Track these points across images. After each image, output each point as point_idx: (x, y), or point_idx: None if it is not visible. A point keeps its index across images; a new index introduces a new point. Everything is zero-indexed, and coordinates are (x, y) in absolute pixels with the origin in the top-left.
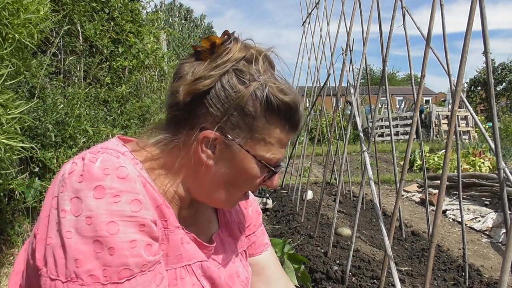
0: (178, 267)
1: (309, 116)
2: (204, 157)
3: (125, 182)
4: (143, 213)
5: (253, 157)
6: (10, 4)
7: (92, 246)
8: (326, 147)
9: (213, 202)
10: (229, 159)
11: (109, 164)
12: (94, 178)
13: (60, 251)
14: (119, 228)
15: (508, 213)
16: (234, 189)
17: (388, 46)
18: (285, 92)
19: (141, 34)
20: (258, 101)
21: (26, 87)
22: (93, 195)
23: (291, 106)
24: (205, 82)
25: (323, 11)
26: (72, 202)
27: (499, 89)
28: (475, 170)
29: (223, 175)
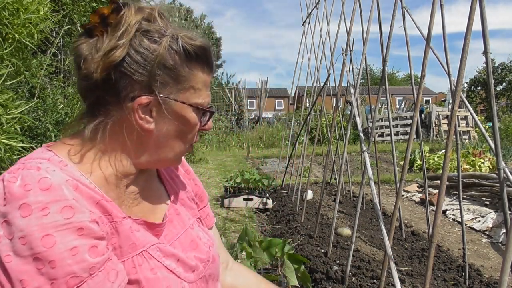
0: (134, 255)
1: (309, 116)
2: (144, 124)
3: (50, 192)
4: (78, 217)
5: (189, 106)
6: (10, 4)
7: (33, 264)
8: (326, 147)
9: (161, 163)
10: (167, 116)
11: (29, 179)
12: (17, 198)
13: (3, 277)
14: (56, 239)
15: (508, 213)
16: (178, 143)
17: (388, 46)
18: (194, 38)
19: None
20: (176, 53)
21: (26, 87)
22: (20, 214)
23: (205, 48)
24: (117, 53)
25: (323, 11)
26: (3, 226)
27: (499, 89)
28: (475, 170)
29: (166, 134)
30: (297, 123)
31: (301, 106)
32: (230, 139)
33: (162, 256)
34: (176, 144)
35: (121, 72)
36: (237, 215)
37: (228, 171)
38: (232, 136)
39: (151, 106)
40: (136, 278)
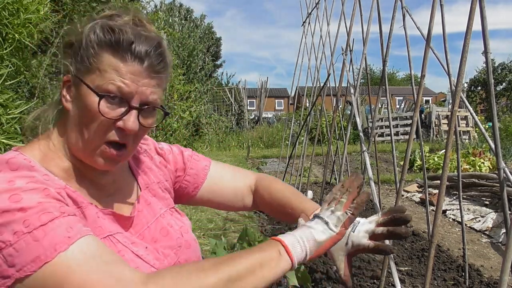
0: (101, 238)
1: (309, 116)
2: (64, 102)
3: (18, 171)
4: (45, 185)
5: (88, 88)
6: (10, 4)
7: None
8: (326, 147)
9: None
10: (78, 96)
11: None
12: None
13: None
14: (22, 197)
15: (508, 213)
16: (88, 131)
17: (388, 46)
18: (115, 27)
19: None
20: (88, 36)
21: (26, 87)
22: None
23: (117, 32)
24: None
25: (323, 11)
26: None
27: (499, 89)
28: (475, 170)
29: (77, 117)
30: (297, 123)
31: (301, 106)
32: (230, 139)
33: (129, 243)
34: (86, 133)
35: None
36: (237, 215)
37: None
38: (232, 136)
39: (71, 86)
40: None
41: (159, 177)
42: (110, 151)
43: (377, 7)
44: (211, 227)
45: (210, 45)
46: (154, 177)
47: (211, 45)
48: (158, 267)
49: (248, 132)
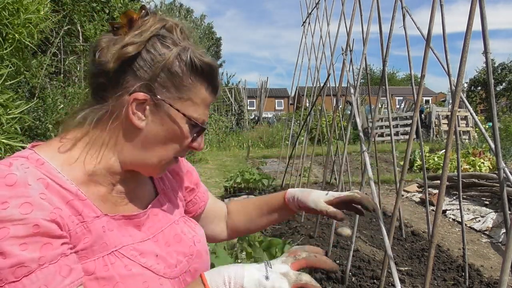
0: (105, 254)
1: (309, 116)
2: (135, 119)
3: (13, 188)
4: (36, 214)
5: (183, 116)
6: (10, 4)
7: None
8: (326, 147)
9: (145, 168)
10: (160, 119)
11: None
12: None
13: None
14: (9, 231)
15: (508, 213)
16: (164, 150)
17: (388, 46)
18: (204, 55)
19: None
20: (183, 62)
21: (26, 87)
22: None
23: (212, 67)
24: (131, 48)
25: (323, 11)
26: None
27: (499, 89)
28: (475, 170)
29: (154, 137)
30: (297, 123)
31: (301, 106)
32: (230, 139)
33: (137, 255)
34: (161, 151)
35: (129, 67)
36: None
37: (228, 171)
38: (232, 136)
39: (146, 105)
40: (108, 275)
41: (174, 185)
42: (173, 163)
43: (377, 7)
44: None
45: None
46: (170, 184)
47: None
48: (168, 276)
49: (248, 132)
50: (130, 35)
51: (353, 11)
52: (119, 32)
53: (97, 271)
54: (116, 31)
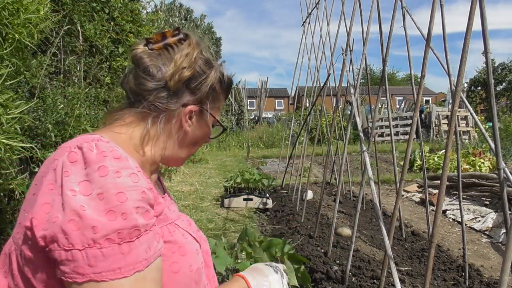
0: (167, 224)
1: (309, 116)
2: (187, 126)
3: (120, 161)
4: (142, 183)
5: (214, 120)
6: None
7: (106, 216)
8: (326, 147)
9: (175, 161)
10: (201, 125)
11: (104, 148)
12: (96, 161)
13: (71, 225)
14: (127, 196)
15: (508, 213)
16: (195, 148)
17: (388, 46)
18: (225, 70)
19: (141, 34)
20: (220, 81)
21: (26, 87)
22: (98, 174)
23: (231, 82)
24: (187, 73)
25: (323, 11)
26: (81, 185)
27: (499, 89)
28: (475, 170)
29: (193, 138)
30: (297, 123)
31: (301, 106)
32: (230, 139)
33: (187, 226)
34: (193, 148)
35: (185, 85)
36: (237, 215)
37: (228, 171)
38: (232, 136)
39: (195, 114)
40: (173, 239)
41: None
42: None
43: (377, 7)
44: (211, 227)
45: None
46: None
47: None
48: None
49: (248, 132)
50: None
51: (353, 11)
52: (154, 47)
53: (165, 236)
54: (149, 45)
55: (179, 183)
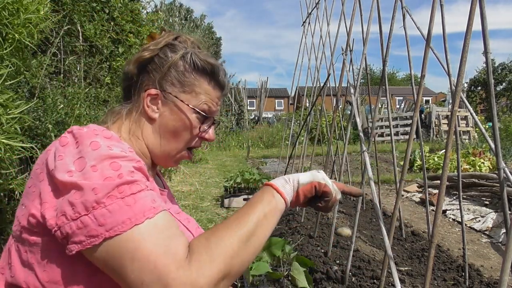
0: None
1: (309, 116)
2: (150, 111)
3: (111, 140)
4: (134, 155)
5: (189, 108)
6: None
7: (104, 181)
8: (326, 147)
9: (164, 158)
10: (169, 111)
11: (95, 128)
12: (87, 137)
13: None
14: (121, 164)
15: (508, 213)
16: (175, 140)
17: (388, 46)
18: (208, 57)
19: (141, 34)
20: (186, 62)
21: (26, 87)
22: (91, 149)
23: (213, 65)
24: (146, 53)
25: (323, 11)
26: (76, 163)
27: (499, 89)
28: (475, 170)
29: (165, 126)
30: (297, 123)
31: (301, 106)
32: (230, 139)
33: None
34: (172, 140)
35: (144, 69)
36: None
37: (228, 171)
38: (232, 136)
39: (158, 99)
40: None
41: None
42: (188, 155)
43: (377, 7)
44: (211, 227)
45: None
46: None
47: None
48: None
49: (248, 132)
50: (146, 46)
51: (353, 11)
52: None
53: None
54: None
55: (179, 183)
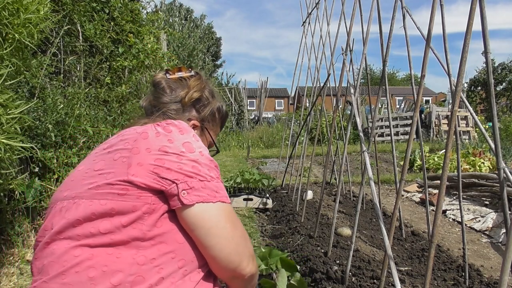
0: None
1: (309, 116)
2: None
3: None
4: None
5: (210, 138)
6: (10, 4)
7: (210, 163)
8: (326, 147)
9: None
10: (200, 135)
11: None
12: (189, 130)
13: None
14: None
15: (508, 213)
16: None
17: (388, 46)
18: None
19: (141, 34)
20: (219, 110)
21: (26, 87)
22: (194, 139)
23: (227, 117)
24: (196, 94)
25: (323, 11)
26: (185, 146)
27: (499, 89)
28: (475, 170)
29: None
30: (297, 123)
31: (301, 106)
32: (230, 139)
33: None
34: None
35: (193, 104)
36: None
37: (228, 171)
38: (232, 136)
39: (198, 128)
40: None
41: None
42: None
43: (377, 7)
44: None
45: (210, 45)
46: None
47: (211, 45)
48: None
49: (248, 132)
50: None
51: (353, 11)
52: (171, 77)
53: None
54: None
55: None
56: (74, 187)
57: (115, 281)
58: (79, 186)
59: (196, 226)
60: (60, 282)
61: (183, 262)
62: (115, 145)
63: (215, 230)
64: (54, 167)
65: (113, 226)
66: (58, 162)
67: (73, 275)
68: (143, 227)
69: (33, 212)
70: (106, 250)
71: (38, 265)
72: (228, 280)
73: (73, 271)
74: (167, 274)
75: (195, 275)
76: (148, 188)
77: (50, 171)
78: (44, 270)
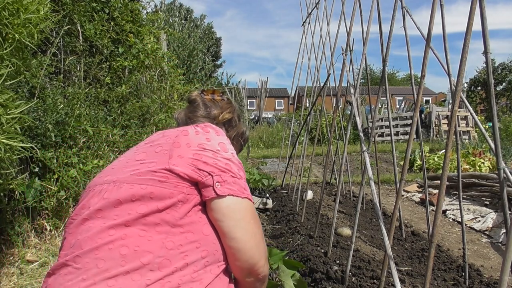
0: None
1: (309, 116)
2: None
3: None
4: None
5: None
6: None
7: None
8: (326, 147)
9: None
10: None
11: None
12: (223, 134)
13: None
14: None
15: (508, 213)
16: None
17: (388, 46)
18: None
19: (141, 34)
20: (243, 134)
21: (26, 87)
22: (228, 142)
23: (247, 142)
24: (228, 116)
25: (323, 11)
26: (220, 145)
27: (499, 89)
28: (475, 170)
29: None
30: (297, 123)
31: (301, 106)
32: None
33: None
34: None
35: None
36: None
37: None
38: None
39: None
40: None
41: None
42: None
43: (377, 7)
44: None
45: (210, 45)
46: None
47: (211, 45)
48: None
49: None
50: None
51: (353, 11)
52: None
53: None
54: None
55: None
56: (115, 173)
57: (145, 260)
58: (120, 173)
59: (226, 217)
60: (93, 257)
61: (206, 253)
62: (157, 140)
63: (243, 223)
64: (54, 167)
65: (149, 210)
66: (58, 162)
67: (106, 251)
68: (176, 214)
69: (33, 212)
70: (139, 232)
71: (71, 239)
72: (243, 277)
73: (106, 247)
74: (191, 262)
75: (215, 269)
76: (186, 177)
77: (50, 171)
78: (76, 245)
